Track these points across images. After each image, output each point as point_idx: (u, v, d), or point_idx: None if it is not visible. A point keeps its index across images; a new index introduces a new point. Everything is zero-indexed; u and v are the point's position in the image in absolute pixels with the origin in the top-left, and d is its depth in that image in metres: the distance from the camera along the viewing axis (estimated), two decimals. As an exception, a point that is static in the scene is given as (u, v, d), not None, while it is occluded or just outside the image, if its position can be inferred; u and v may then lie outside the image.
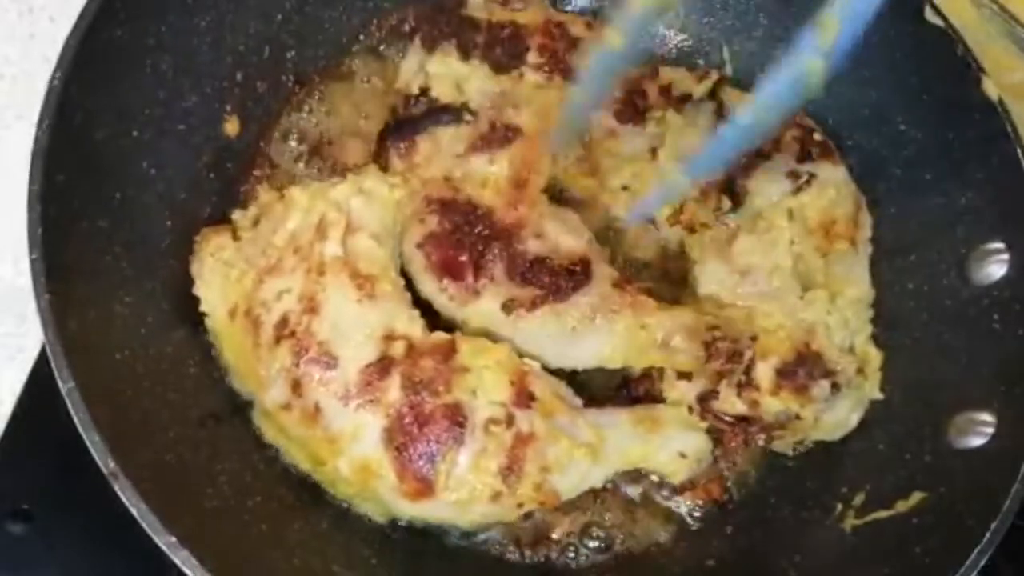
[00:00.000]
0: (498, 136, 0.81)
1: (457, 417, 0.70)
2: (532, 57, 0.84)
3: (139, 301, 0.72)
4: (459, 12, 0.85)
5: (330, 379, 0.71)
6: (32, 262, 0.63)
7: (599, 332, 0.77)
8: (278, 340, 0.72)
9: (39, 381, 0.82)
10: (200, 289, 0.76)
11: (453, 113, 0.82)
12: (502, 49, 0.83)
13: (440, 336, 0.74)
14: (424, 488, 0.70)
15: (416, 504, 0.71)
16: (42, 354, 0.83)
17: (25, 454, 0.81)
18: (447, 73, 0.83)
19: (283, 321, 0.72)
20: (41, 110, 0.64)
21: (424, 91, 0.83)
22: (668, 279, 0.86)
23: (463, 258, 0.76)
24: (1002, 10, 0.90)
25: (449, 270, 0.76)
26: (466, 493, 0.71)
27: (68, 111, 0.66)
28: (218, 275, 0.76)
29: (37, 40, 0.95)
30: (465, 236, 0.77)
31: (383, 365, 0.71)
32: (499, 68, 0.84)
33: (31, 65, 0.94)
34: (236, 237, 0.78)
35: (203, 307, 0.76)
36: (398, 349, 0.72)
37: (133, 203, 0.73)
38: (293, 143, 0.87)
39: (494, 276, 0.76)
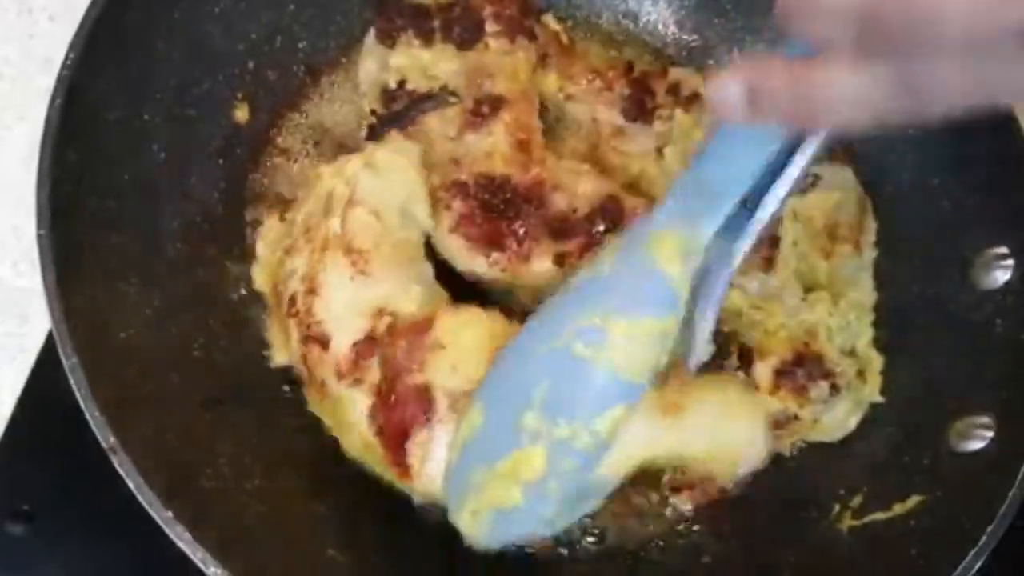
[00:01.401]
0: (484, 109, 0.82)
1: (424, 398, 0.69)
2: (490, 26, 0.85)
3: (146, 283, 0.73)
4: (407, 2, 0.86)
5: (326, 357, 0.71)
6: (39, 238, 0.63)
7: None
8: (289, 318, 0.74)
9: (39, 381, 0.82)
10: (254, 269, 0.79)
11: (434, 98, 0.83)
12: (460, 27, 0.85)
13: (423, 310, 0.73)
14: (405, 470, 0.70)
15: (411, 485, 0.71)
16: (42, 354, 0.83)
17: (25, 454, 0.81)
18: (414, 63, 0.84)
19: (292, 300, 0.73)
20: (54, 88, 0.65)
21: (401, 84, 0.84)
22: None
23: (502, 228, 0.77)
24: None
25: (493, 243, 0.77)
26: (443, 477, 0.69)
27: (80, 91, 0.67)
28: (266, 254, 0.79)
29: (37, 40, 0.95)
30: (495, 208, 0.78)
31: (369, 343, 0.71)
32: (463, 45, 0.85)
33: (31, 65, 0.94)
34: (282, 218, 0.80)
35: (255, 286, 0.79)
36: (382, 326, 0.72)
37: (143, 185, 0.74)
38: (303, 132, 0.88)
39: (537, 236, 0.77)
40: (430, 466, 0.69)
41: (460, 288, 0.79)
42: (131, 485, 0.60)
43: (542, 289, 0.78)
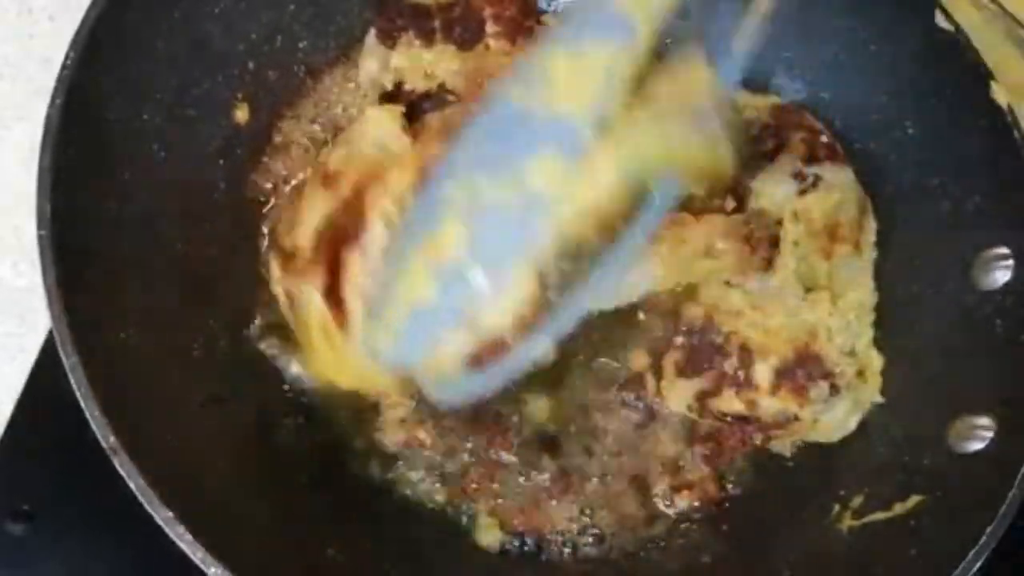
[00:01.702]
0: None
1: (357, 223, 0.66)
2: (490, 27, 0.86)
3: (145, 283, 0.73)
4: (407, 2, 0.86)
5: (295, 265, 0.71)
6: (39, 238, 0.63)
7: (647, 256, 0.78)
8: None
9: (39, 381, 0.83)
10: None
11: (433, 98, 0.83)
12: (460, 28, 0.85)
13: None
14: (342, 316, 0.66)
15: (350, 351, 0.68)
16: (42, 354, 0.84)
17: (25, 454, 0.81)
18: (415, 63, 0.84)
19: (286, 252, 0.74)
20: (54, 88, 0.65)
21: (399, 85, 0.84)
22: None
23: None
24: (1002, 10, 0.90)
25: None
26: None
27: (80, 90, 0.67)
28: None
29: (37, 40, 0.95)
30: None
31: (325, 223, 0.71)
32: (463, 46, 0.85)
33: (31, 65, 0.94)
34: None
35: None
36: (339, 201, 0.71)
37: (142, 185, 0.74)
38: (303, 132, 0.88)
39: None
40: (361, 297, 0.65)
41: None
42: (132, 486, 0.60)
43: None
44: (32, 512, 0.79)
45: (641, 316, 0.85)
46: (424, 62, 0.84)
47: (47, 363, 0.83)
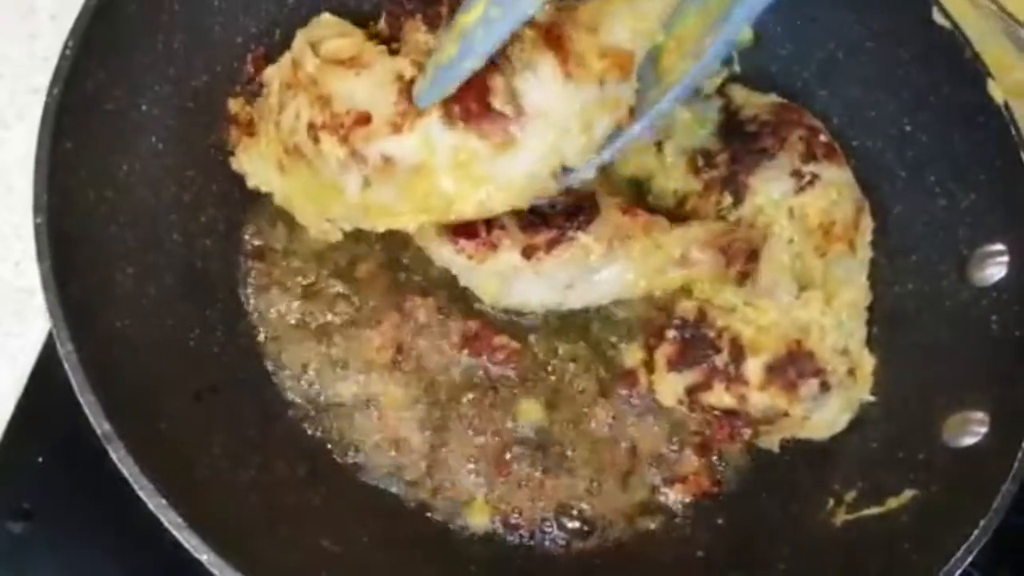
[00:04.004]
0: None
1: None
2: None
3: (142, 273, 0.73)
4: None
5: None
6: (36, 226, 0.63)
7: (618, 260, 0.78)
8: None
9: (39, 381, 0.83)
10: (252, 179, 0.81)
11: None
12: None
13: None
14: None
15: None
16: (42, 354, 0.84)
17: (25, 454, 0.81)
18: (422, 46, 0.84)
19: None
20: (52, 77, 0.66)
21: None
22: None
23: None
24: (1000, 10, 0.90)
25: (463, 231, 0.77)
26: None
27: (78, 80, 0.67)
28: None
29: (37, 40, 0.95)
30: None
31: None
32: None
33: (32, 65, 0.94)
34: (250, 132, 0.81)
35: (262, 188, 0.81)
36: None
37: (140, 176, 0.74)
38: (301, 126, 0.88)
39: (506, 226, 0.77)
40: None
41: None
42: (126, 473, 0.60)
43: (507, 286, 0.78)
44: (32, 511, 0.79)
45: (635, 311, 0.85)
46: (427, 47, 0.84)
47: (47, 363, 0.83)
